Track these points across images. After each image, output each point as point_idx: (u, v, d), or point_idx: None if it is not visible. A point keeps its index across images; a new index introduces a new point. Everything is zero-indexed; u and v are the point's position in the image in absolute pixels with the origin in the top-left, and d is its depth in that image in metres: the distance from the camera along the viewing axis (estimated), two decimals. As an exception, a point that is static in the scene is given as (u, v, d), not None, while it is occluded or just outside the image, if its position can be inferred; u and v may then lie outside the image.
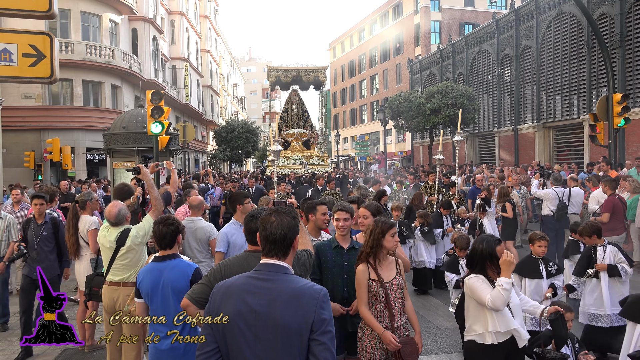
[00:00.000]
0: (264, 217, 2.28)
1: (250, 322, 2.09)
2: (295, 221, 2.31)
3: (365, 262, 3.60)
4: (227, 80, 63.48)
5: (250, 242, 3.00)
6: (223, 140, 35.57)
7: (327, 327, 2.09)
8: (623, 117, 12.58)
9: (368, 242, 3.63)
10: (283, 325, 2.06)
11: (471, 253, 3.74)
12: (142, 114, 11.35)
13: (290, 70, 23.82)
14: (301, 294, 2.11)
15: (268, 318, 2.08)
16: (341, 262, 3.98)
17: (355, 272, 3.64)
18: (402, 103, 26.17)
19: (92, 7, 24.22)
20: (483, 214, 8.79)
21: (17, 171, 21.08)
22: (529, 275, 5.15)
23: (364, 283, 3.56)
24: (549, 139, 24.54)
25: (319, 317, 2.08)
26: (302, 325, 2.06)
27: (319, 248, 3.97)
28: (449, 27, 41.58)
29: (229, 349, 2.14)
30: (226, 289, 2.20)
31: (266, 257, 2.23)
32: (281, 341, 2.07)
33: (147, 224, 4.51)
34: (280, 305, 2.08)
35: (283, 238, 2.21)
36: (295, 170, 19.57)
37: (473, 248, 3.72)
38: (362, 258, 3.63)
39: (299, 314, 2.07)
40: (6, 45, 4.08)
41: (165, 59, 34.39)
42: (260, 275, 2.18)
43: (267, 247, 2.23)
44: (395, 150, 44.54)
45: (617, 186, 8.78)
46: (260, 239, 2.27)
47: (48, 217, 6.14)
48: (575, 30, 21.89)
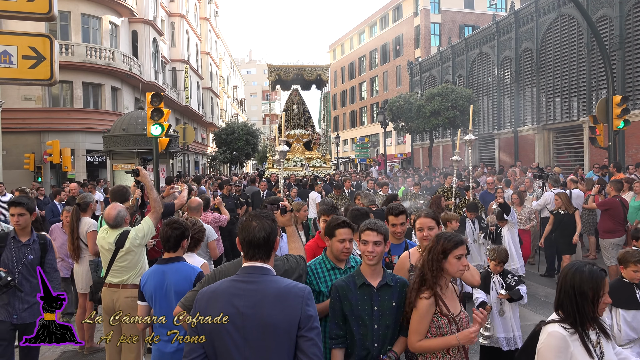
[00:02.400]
0: (244, 222, 2.34)
1: (238, 324, 2.12)
2: (275, 224, 2.37)
3: (431, 292, 2.83)
4: (227, 83, 63.53)
5: None
6: (223, 142, 35.58)
7: (314, 323, 2.16)
8: (623, 119, 12.57)
9: (426, 264, 2.89)
10: (271, 324, 2.10)
11: (559, 287, 2.47)
12: (142, 116, 11.37)
13: (291, 69, 23.10)
14: (287, 293, 2.17)
15: (255, 319, 2.12)
16: (369, 307, 2.92)
17: (418, 305, 2.84)
18: (402, 105, 26.20)
19: (92, 9, 24.24)
20: (503, 222, 7.49)
21: (17, 173, 21.07)
22: (624, 306, 3.98)
23: (428, 318, 2.83)
24: (548, 141, 24.55)
25: (306, 314, 2.14)
26: (289, 324, 2.12)
27: (339, 288, 2.96)
28: (449, 29, 41.64)
29: (217, 353, 2.15)
30: (211, 294, 2.22)
31: (249, 261, 2.28)
32: (270, 341, 2.11)
33: (147, 226, 4.51)
34: (267, 306, 2.13)
35: (266, 241, 2.27)
36: (296, 173, 19.03)
37: (563, 279, 2.46)
38: (428, 285, 2.86)
39: (286, 313, 2.12)
40: (6, 47, 4.09)
41: (166, 61, 34.42)
42: (245, 278, 2.22)
43: (250, 251, 2.27)
44: (395, 152, 44.55)
45: (622, 188, 8.78)
46: (241, 244, 2.31)
47: (35, 235, 4.41)
48: (574, 32, 21.92)
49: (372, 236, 2.96)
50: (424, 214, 3.52)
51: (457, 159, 8.66)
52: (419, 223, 3.50)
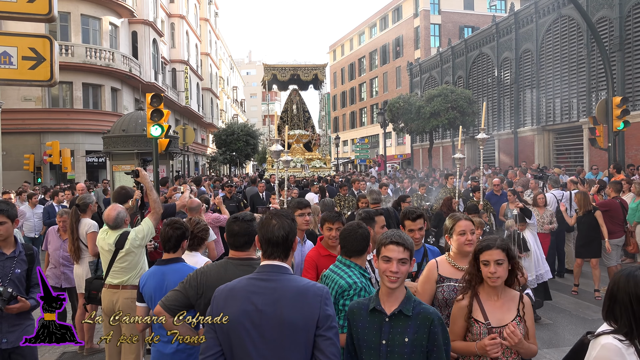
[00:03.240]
0: (264, 220, 2.32)
1: (256, 322, 2.13)
2: (295, 223, 2.35)
3: (470, 293, 2.75)
4: (227, 83, 63.54)
5: (231, 246, 2.84)
6: (223, 143, 35.58)
7: (332, 322, 2.16)
8: (622, 120, 12.58)
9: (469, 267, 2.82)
10: (289, 323, 2.10)
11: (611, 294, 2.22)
12: (141, 117, 11.36)
13: (287, 69, 22.34)
14: (305, 291, 2.16)
15: (274, 317, 2.12)
16: (377, 339, 2.42)
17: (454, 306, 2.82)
18: (402, 106, 26.22)
19: (92, 10, 24.25)
20: (523, 225, 7.17)
21: (17, 174, 21.06)
22: None
23: (462, 322, 2.76)
24: (548, 142, 24.56)
25: (324, 314, 2.14)
26: (308, 322, 2.11)
27: (351, 310, 2.56)
28: (449, 30, 41.67)
29: (233, 350, 2.15)
30: (229, 291, 2.22)
31: (268, 259, 2.26)
32: (288, 339, 2.11)
33: (146, 227, 4.51)
34: (286, 304, 2.12)
35: (285, 240, 2.25)
36: (295, 174, 18.71)
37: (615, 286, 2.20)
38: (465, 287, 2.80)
39: (304, 311, 2.12)
40: (6, 48, 4.09)
41: (165, 62, 34.43)
42: (263, 276, 2.22)
43: (268, 249, 2.26)
44: (395, 153, 44.57)
45: (621, 189, 8.79)
46: (260, 242, 2.30)
47: (21, 246, 3.78)
48: (574, 33, 21.94)
49: (396, 252, 2.44)
50: (464, 217, 3.30)
51: (460, 157, 8.34)
52: (461, 226, 3.22)
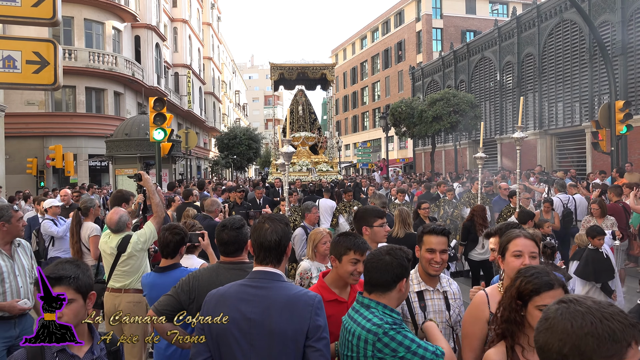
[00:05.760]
0: (257, 224, 2.27)
1: (245, 330, 2.09)
2: (289, 228, 2.30)
3: (506, 346, 2.02)
4: (230, 87, 63.67)
5: (222, 253, 2.83)
6: (225, 147, 35.61)
7: (322, 333, 2.10)
8: (625, 124, 12.56)
9: (500, 308, 2.08)
10: (278, 332, 2.06)
11: None
12: (144, 121, 11.41)
13: (295, 68, 21.92)
14: (296, 301, 2.11)
15: (263, 325, 2.07)
16: None
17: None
18: (404, 110, 26.17)
19: (96, 15, 24.36)
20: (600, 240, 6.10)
21: (20, 178, 21.12)
22: None
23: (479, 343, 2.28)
24: (551, 146, 24.51)
25: (314, 324, 2.08)
26: (297, 332, 2.06)
27: None
28: (451, 34, 41.68)
29: (222, 358, 2.13)
30: (219, 297, 2.18)
31: (260, 265, 2.22)
32: (276, 348, 2.06)
33: (149, 231, 4.51)
34: (276, 313, 2.08)
35: (277, 245, 2.21)
36: (301, 178, 17.77)
37: None
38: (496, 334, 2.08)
39: (294, 321, 2.07)
40: (10, 52, 4.11)
41: (168, 66, 34.54)
42: (254, 283, 2.17)
43: (261, 254, 2.21)
44: (398, 157, 44.53)
45: (621, 192, 8.75)
46: (253, 247, 2.25)
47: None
48: (577, 37, 21.92)
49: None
50: (523, 235, 2.45)
51: (481, 156, 7.61)
52: (517, 245, 2.40)
